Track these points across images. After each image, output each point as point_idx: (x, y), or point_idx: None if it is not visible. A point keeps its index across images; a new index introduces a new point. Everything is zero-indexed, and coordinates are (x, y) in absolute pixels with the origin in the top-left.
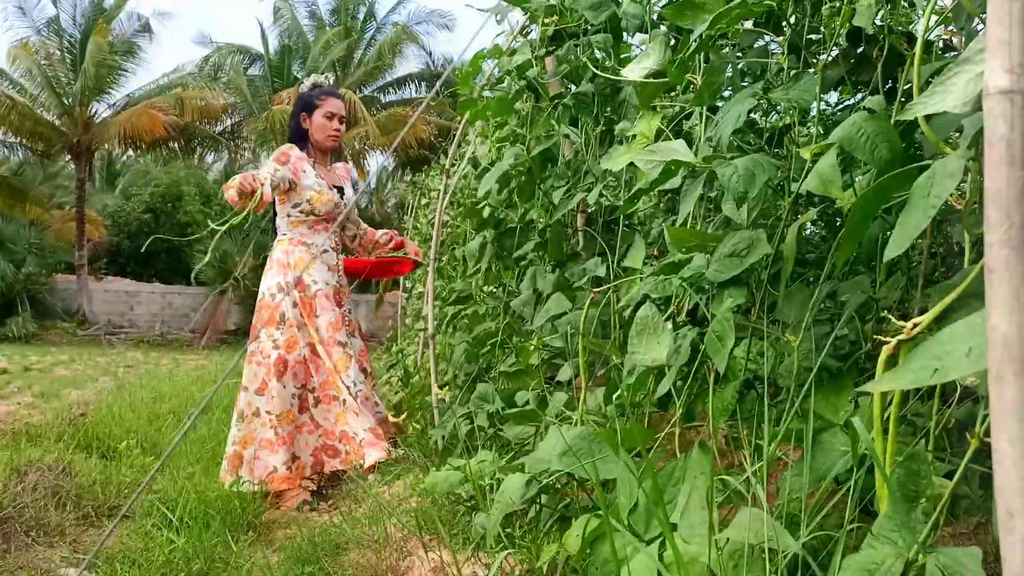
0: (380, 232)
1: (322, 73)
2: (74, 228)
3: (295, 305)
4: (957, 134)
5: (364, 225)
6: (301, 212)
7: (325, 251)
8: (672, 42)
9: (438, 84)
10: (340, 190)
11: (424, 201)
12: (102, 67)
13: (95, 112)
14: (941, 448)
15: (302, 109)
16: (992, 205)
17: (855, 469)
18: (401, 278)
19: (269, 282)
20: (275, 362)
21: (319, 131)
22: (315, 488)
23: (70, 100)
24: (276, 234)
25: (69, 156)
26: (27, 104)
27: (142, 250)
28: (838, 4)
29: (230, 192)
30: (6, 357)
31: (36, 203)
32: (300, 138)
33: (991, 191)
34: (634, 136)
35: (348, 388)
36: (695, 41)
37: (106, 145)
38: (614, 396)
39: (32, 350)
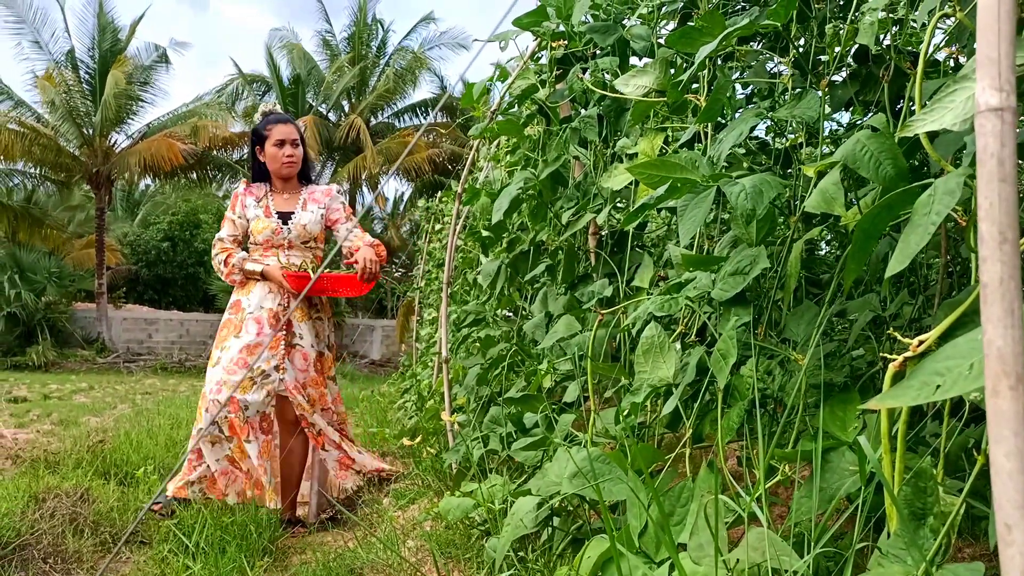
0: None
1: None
2: (92, 256)
3: (224, 326)
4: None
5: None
6: (249, 240)
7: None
8: (679, 62)
9: (435, 111)
10: (286, 216)
11: (438, 227)
12: (121, 98)
13: (114, 142)
14: (959, 468)
15: (255, 144)
16: (985, 221)
17: (863, 487)
18: (417, 302)
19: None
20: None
21: (273, 161)
22: (332, 514)
23: (90, 131)
24: None
25: (89, 186)
26: (50, 135)
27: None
28: (844, 24)
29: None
30: (26, 385)
31: (55, 231)
32: (260, 172)
33: (984, 207)
34: (635, 155)
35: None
36: (698, 62)
37: (125, 175)
38: (621, 417)
39: (51, 378)
